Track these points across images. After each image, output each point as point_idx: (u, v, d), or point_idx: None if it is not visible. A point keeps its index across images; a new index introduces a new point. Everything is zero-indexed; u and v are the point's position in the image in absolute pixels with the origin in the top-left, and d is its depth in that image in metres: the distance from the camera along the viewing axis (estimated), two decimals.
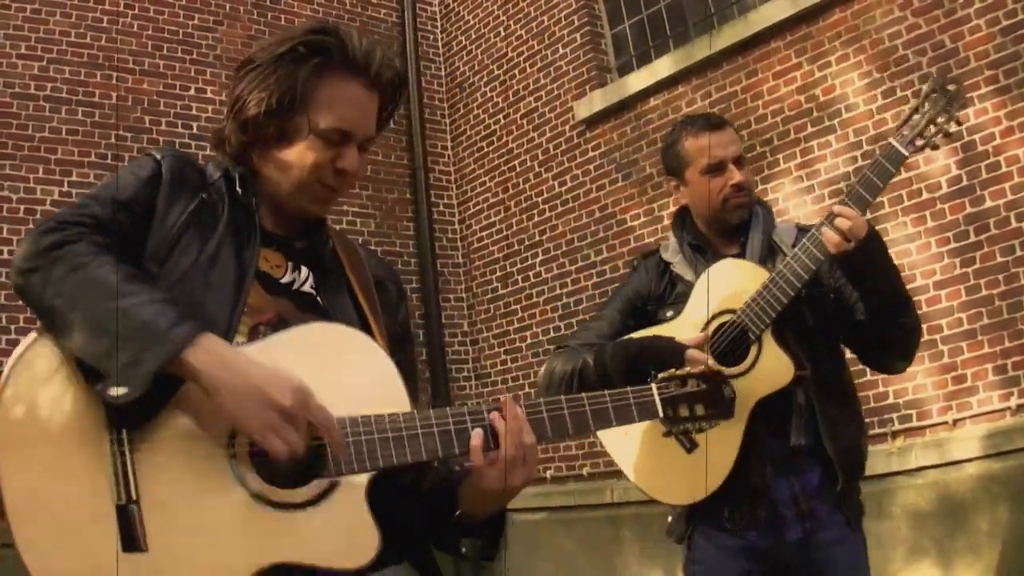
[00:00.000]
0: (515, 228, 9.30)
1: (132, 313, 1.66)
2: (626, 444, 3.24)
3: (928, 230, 6.26)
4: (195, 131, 8.39)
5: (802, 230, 3.22)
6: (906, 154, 2.98)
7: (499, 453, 1.88)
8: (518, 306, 9.17)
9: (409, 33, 9.92)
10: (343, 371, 1.88)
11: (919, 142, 3.00)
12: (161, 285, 1.81)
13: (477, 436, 1.88)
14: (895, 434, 6.24)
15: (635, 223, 8.19)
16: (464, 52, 10.07)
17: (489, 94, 9.74)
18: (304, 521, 1.75)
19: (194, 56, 8.59)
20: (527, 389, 8.92)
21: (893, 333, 3.09)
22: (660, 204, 7.98)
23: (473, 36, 9.99)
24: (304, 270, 2.09)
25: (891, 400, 6.30)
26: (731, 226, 3.26)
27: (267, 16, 9.17)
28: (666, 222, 7.87)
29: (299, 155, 2.00)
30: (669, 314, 3.22)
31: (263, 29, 9.06)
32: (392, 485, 1.92)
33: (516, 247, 9.27)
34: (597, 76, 8.68)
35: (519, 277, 9.21)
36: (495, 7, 9.74)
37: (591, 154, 8.62)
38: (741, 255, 3.21)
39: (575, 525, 8.03)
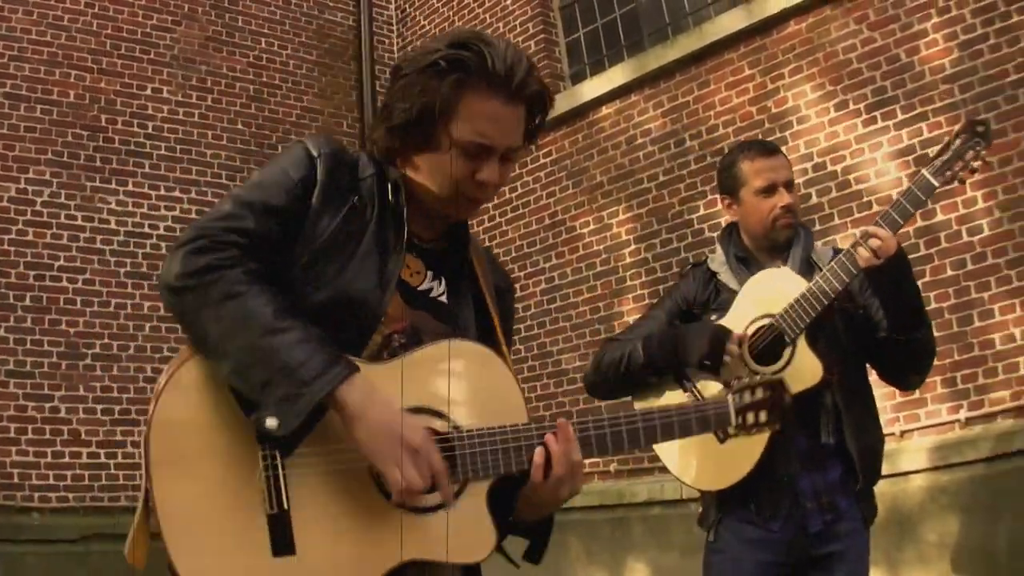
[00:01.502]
0: None
1: (287, 350, 1.73)
2: None
3: None
4: (151, 130, 8.24)
5: (837, 252, 3.35)
6: (936, 184, 3.09)
7: (552, 471, 1.93)
8: None
9: (365, 37, 9.69)
10: (470, 385, 1.96)
11: (948, 174, 3.10)
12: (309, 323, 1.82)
13: (539, 455, 1.94)
14: None
15: (584, 230, 8.01)
16: None
17: None
18: (435, 522, 1.86)
19: (152, 56, 8.43)
20: None
21: (908, 347, 3.22)
22: (610, 212, 7.83)
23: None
24: (441, 280, 2.11)
25: None
26: (777, 243, 3.42)
27: (224, 17, 9.00)
28: (615, 229, 7.76)
29: (439, 166, 1.98)
30: (713, 317, 3.39)
31: (220, 30, 8.93)
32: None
33: None
34: (550, 83, 8.32)
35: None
36: (451, 12, 9.55)
37: (542, 161, 8.43)
38: None
39: None
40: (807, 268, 3.33)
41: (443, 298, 2.09)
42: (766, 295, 3.24)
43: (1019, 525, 5.18)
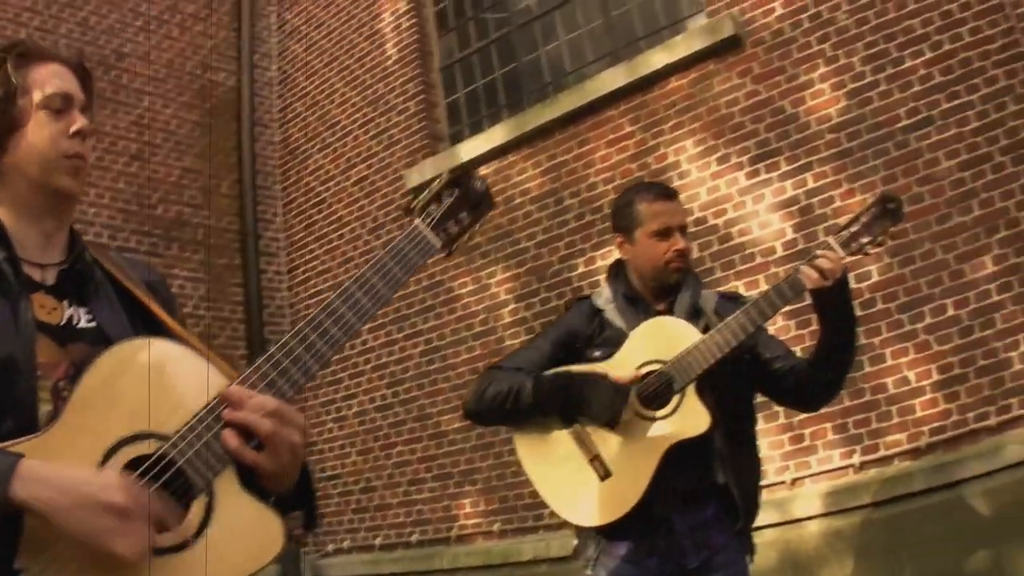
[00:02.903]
0: None
1: None
2: (545, 470, 3.30)
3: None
4: None
5: (723, 297, 3.41)
6: (841, 254, 3.05)
7: (263, 443, 1.64)
8: (345, 374, 8.47)
9: (246, 97, 9.27)
10: (157, 385, 1.62)
11: (854, 246, 3.07)
12: None
13: (231, 438, 1.62)
14: None
15: (463, 291, 7.64)
16: (299, 119, 9.43)
17: (321, 161, 9.11)
18: (212, 546, 1.56)
19: None
20: (353, 457, 8.24)
21: (836, 367, 3.24)
22: (488, 272, 7.47)
23: (309, 102, 9.38)
24: (78, 306, 1.84)
25: None
26: (666, 285, 3.36)
27: (111, 74, 8.54)
28: (494, 289, 7.44)
29: (33, 133, 1.84)
30: (596, 354, 3.30)
31: (105, 87, 8.43)
32: None
33: None
34: (429, 144, 8.15)
35: (346, 345, 8.53)
36: (331, 73, 9.20)
37: None
38: (669, 312, 3.32)
39: None
40: (694, 314, 3.30)
41: (89, 323, 1.82)
42: (658, 341, 3.18)
43: (920, 564, 4.96)
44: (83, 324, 1.81)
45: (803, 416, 5.55)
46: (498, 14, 8.37)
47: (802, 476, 5.56)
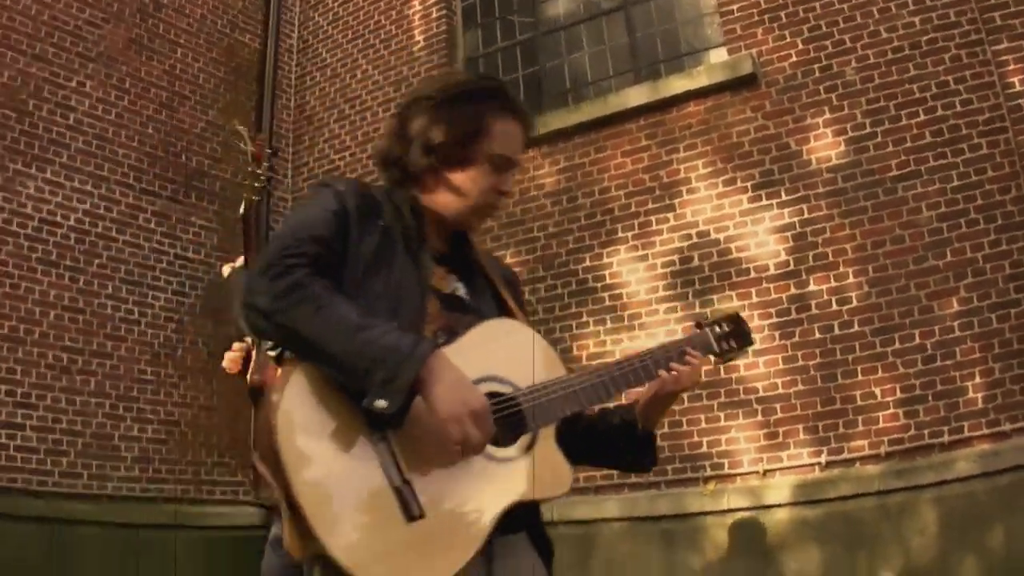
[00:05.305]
0: None
1: (380, 341, 1.97)
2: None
3: (752, 304, 6.95)
4: (71, 122, 8.25)
5: None
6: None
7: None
8: None
9: (269, 61, 9.97)
10: (518, 353, 2.25)
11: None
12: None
13: (694, 357, 2.40)
14: (707, 479, 6.90)
15: None
16: (317, 88, 10.17)
17: (337, 131, 9.84)
18: (523, 468, 2.15)
19: (80, 49, 8.47)
20: None
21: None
22: (498, 256, 8.13)
23: (329, 73, 10.10)
24: (460, 281, 2.37)
25: (704, 449, 6.96)
26: None
27: (148, 22, 9.13)
28: None
29: (473, 179, 2.28)
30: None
31: (142, 34, 9.04)
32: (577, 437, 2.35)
33: None
34: None
35: None
36: (355, 49, 9.94)
37: None
38: None
39: None
40: None
41: (464, 295, 2.35)
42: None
43: (873, 556, 6.07)
44: (464, 295, 2.34)
45: (780, 415, 6.68)
46: (525, 18, 9.30)
47: (773, 468, 6.67)
